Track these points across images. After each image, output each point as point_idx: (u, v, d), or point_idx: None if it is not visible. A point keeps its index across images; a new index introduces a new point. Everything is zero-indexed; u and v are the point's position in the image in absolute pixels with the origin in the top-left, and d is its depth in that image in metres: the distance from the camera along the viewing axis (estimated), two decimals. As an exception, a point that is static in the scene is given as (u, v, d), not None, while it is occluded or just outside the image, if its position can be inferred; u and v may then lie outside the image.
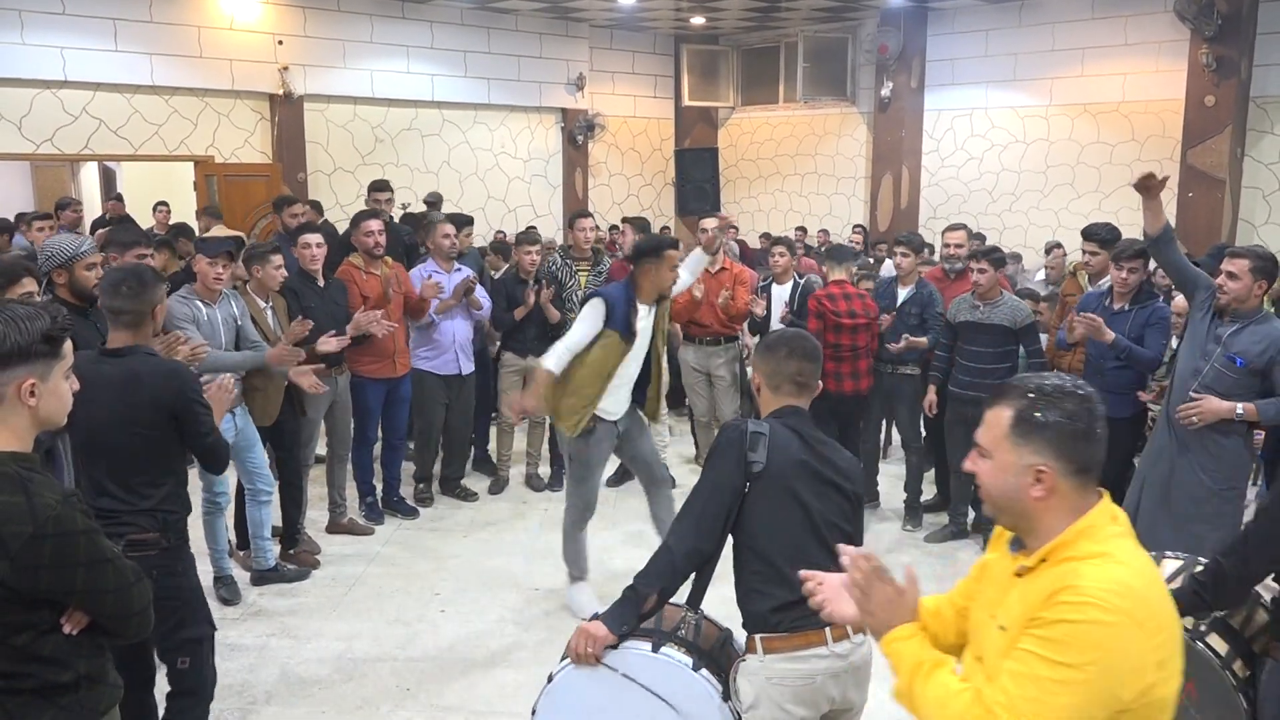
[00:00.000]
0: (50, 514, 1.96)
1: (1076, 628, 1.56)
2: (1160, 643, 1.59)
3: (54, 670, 2.05)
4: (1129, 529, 1.74)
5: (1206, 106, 9.99)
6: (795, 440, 2.58)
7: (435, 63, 11.79)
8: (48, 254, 3.96)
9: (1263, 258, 4.24)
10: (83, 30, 9.26)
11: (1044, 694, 1.55)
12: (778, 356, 2.67)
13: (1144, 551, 1.71)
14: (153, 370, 3.11)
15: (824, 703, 2.53)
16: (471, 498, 6.49)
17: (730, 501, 2.54)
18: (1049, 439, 1.69)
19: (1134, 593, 1.58)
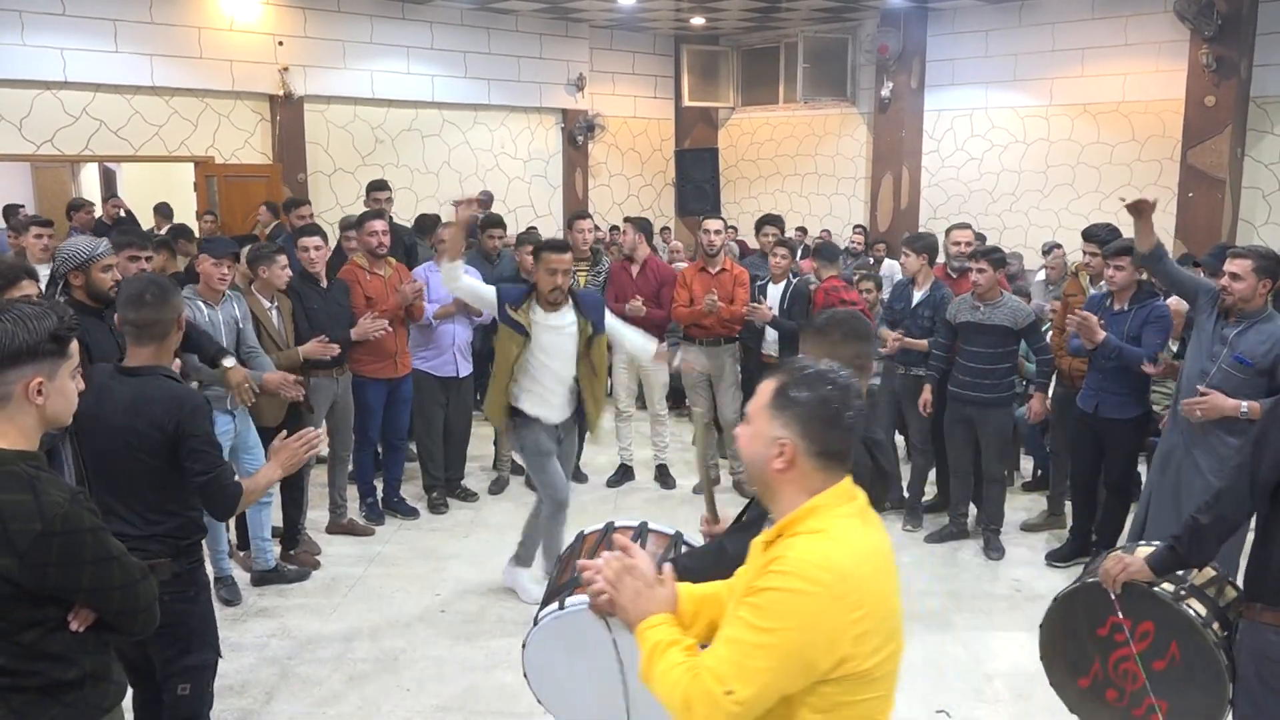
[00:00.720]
0: (58, 512, 1.98)
1: (777, 595, 1.63)
2: (859, 618, 1.65)
3: (59, 667, 2.06)
4: (862, 511, 1.81)
5: (1206, 106, 9.99)
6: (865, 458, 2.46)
7: (435, 63, 11.79)
8: (64, 256, 3.99)
9: (1265, 256, 4.25)
10: (83, 31, 9.27)
11: (744, 657, 1.63)
12: (832, 340, 2.54)
13: (872, 533, 1.79)
14: (163, 395, 2.90)
15: None
16: (472, 498, 6.49)
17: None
18: (797, 415, 1.75)
19: (837, 568, 1.65)
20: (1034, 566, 5.50)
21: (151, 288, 3.00)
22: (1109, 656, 2.92)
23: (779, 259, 6.56)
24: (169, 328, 2.99)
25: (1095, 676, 2.96)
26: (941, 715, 4.02)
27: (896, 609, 1.78)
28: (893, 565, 1.81)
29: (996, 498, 5.67)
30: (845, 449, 1.78)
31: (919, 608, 4.99)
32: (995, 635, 4.71)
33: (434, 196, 12.03)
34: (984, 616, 4.92)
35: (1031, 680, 4.28)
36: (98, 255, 3.94)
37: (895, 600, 1.78)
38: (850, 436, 1.78)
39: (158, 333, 2.97)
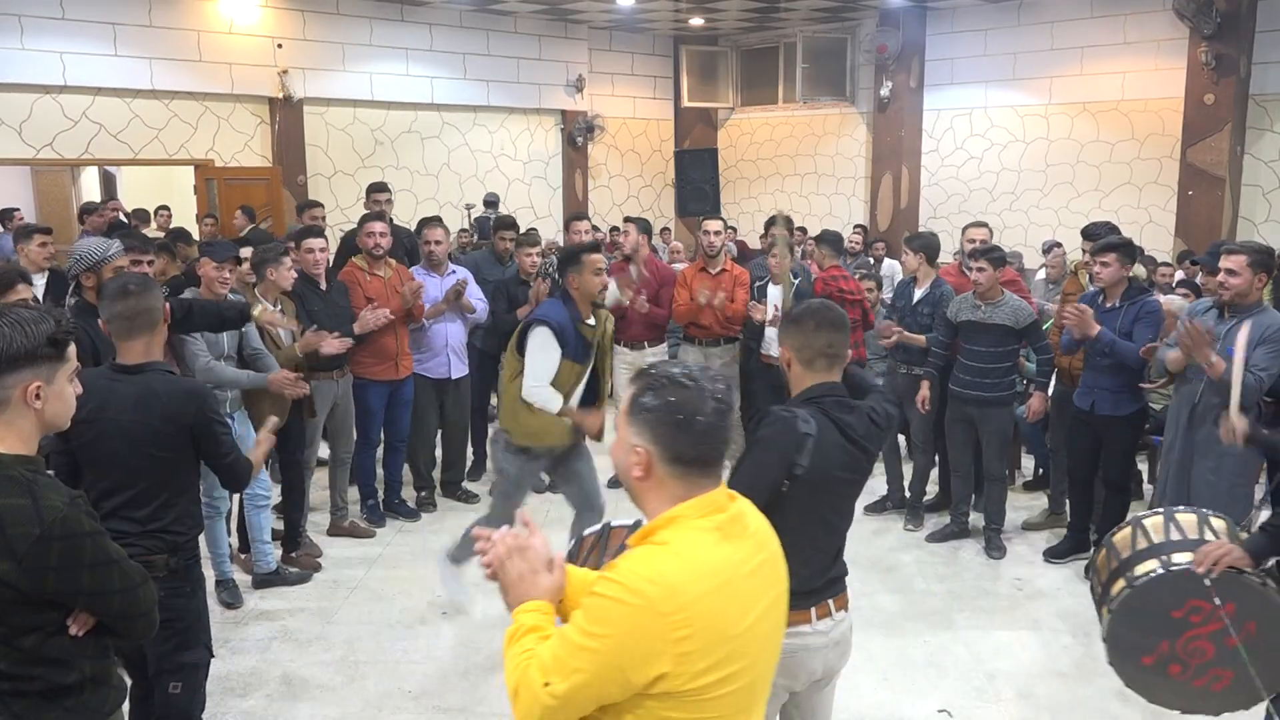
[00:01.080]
0: (57, 516, 1.97)
1: (602, 603, 1.62)
2: (683, 636, 1.60)
3: (60, 672, 2.06)
4: (728, 523, 1.74)
5: (1206, 104, 9.99)
6: (834, 433, 2.56)
7: (434, 65, 11.80)
8: (76, 257, 4.04)
9: (1259, 251, 4.32)
10: (82, 35, 9.28)
11: (567, 655, 1.63)
12: (806, 330, 2.63)
13: (729, 550, 1.71)
14: (171, 389, 2.98)
15: (804, 674, 2.64)
16: (473, 500, 6.49)
17: (766, 500, 2.47)
18: (647, 422, 1.72)
19: (666, 583, 1.61)
20: (1035, 565, 5.50)
21: (134, 279, 3.09)
22: (1180, 636, 2.99)
23: (777, 258, 6.55)
24: (156, 316, 3.03)
25: (1160, 654, 3.02)
26: (943, 715, 4.02)
27: (739, 633, 1.68)
28: (751, 585, 1.73)
29: (998, 497, 5.67)
30: (701, 456, 1.73)
31: (920, 607, 4.99)
32: (997, 634, 4.71)
33: (434, 198, 12.04)
34: (986, 616, 4.92)
35: (1033, 679, 4.29)
36: (110, 256, 4.02)
37: (739, 623, 1.68)
38: (706, 443, 1.72)
39: (147, 321, 2.99)
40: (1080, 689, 4.21)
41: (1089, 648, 4.57)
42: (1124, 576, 3.09)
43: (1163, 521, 3.16)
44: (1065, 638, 4.67)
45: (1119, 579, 3.11)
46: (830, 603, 2.64)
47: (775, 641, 1.83)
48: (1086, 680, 4.28)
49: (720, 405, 1.74)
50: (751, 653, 1.71)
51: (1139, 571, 3.05)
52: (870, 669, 4.35)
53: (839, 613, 2.67)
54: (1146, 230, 10.95)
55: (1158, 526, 3.14)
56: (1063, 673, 4.35)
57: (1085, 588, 5.18)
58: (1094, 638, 4.65)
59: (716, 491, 1.76)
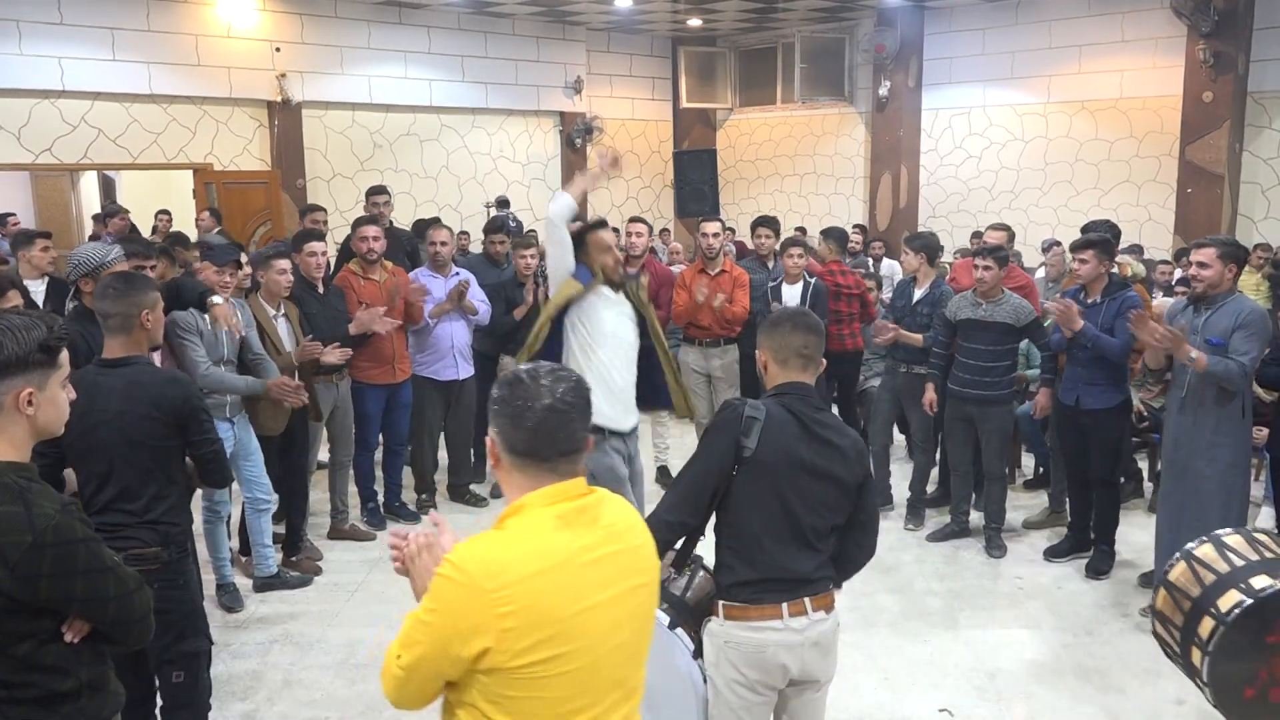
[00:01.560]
0: (49, 523, 1.97)
1: (437, 580, 1.74)
2: (505, 614, 1.67)
3: (56, 679, 2.05)
4: (572, 514, 1.80)
5: (1204, 102, 10.00)
6: (792, 424, 2.61)
7: (433, 68, 11.80)
8: (76, 262, 4.06)
9: (1227, 243, 4.45)
10: (80, 40, 9.28)
11: (412, 629, 1.75)
12: (782, 331, 2.71)
13: (568, 538, 1.77)
14: (155, 379, 3.09)
15: (778, 671, 2.64)
16: (481, 503, 6.47)
17: (717, 482, 2.61)
18: (493, 414, 1.84)
19: (491, 563, 1.70)
20: (1036, 564, 5.49)
21: (117, 281, 3.16)
22: (1274, 658, 2.84)
23: (796, 259, 6.52)
24: (131, 321, 3.10)
25: (1260, 683, 2.86)
26: (944, 714, 4.02)
27: (567, 616, 1.72)
28: (591, 573, 1.78)
29: (998, 496, 5.67)
30: (532, 450, 1.79)
31: (921, 606, 4.99)
32: (998, 634, 4.71)
33: (433, 201, 12.05)
34: (986, 615, 4.92)
35: (1034, 679, 4.28)
36: (109, 261, 4.04)
37: (568, 606, 1.73)
38: (536, 439, 1.78)
39: (119, 324, 3.09)
40: (1081, 688, 4.21)
41: (1090, 647, 4.57)
42: (1209, 614, 2.86)
43: (1214, 549, 3.00)
44: (1066, 636, 4.67)
45: (1204, 617, 2.87)
46: (807, 601, 2.63)
47: (630, 631, 1.85)
48: (1087, 679, 4.28)
49: (557, 405, 1.79)
50: (587, 637, 1.75)
51: (1225, 606, 2.83)
52: (871, 668, 4.34)
53: (817, 612, 2.65)
54: (1145, 228, 10.95)
55: (1212, 555, 2.97)
56: (1064, 672, 4.35)
57: (1087, 586, 5.20)
58: (1095, 636, 4.65)
59: (571, 483, 1.83)
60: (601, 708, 1.80)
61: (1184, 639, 2.93)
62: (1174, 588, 3.00)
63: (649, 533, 1.96)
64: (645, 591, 1.90)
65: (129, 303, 3.09)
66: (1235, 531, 3.06)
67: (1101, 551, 5.31)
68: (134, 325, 3.12)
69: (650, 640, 1.94)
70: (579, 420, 1.83)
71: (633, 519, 1.93)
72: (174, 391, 3.09)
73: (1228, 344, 4.33)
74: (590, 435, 1.89)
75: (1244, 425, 4.49)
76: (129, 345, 3.12)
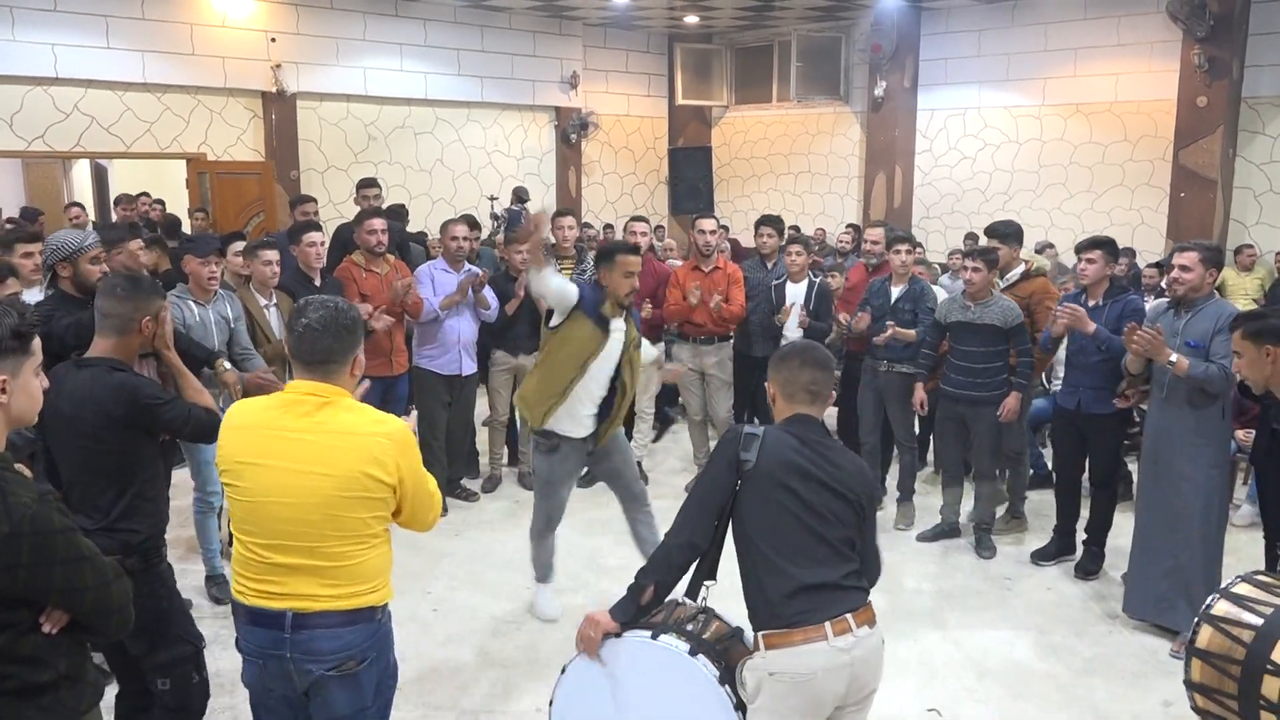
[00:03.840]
0: (26, 513, 1.94)
1: None
2: (220, 441, 2.55)
3: (33, 670, 2.03)
4: (289, 404, 2.47)
5: (1198, 107, 10.03)
6: (792, 442, 2.63)
7: (428, 60, 11.77)
8: (53, 247, 4.02)
9: (1209, 248, 4.51)
10: (74, 27, 9.23)
11: None
12: (791, 367, 2.73)
13: (263, 412, 2.50)
14: (102, 386, 2.93)
15: (828, 698, 2.56)
16: (473, 498, 6.47)
17: (721, 499, 2.63)
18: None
19: (232, 413, 2.56)
20: (1026, 565, 5.51)
21: (124, 281, 3.07)
22: None
23: (794, 257, 6.51)
24: (127, 324, 3.01)
25: None
26: (933, 714, 4.03)
27: (245, 461, 2.45)
28: (280, 442, 2.42)
29: (988, 496, 5.68)
30: (295, 354, 2.47)
31: (910, 606, 5.00)
32: (987, 634, 4.72)
33: (427, 194, 12.03)
34: (976, 615, 4.93)
35: (1023, 678, 4.30)
36: (85, 247, 3.99)
37: (246, 454, 2.45)
38: (299, 346, 2.44)
39: (115, 325, 3.00)
40: (1070, 688, 4.22)
41: (1078, 648, 4.58)
42: (1268, 672, 2.63)
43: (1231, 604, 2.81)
44: (1055, 637, 4.68)
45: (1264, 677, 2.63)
46: (849, 617, 2.56)
47: (300, 503, 2.40)
48: (1076, 679, 4.29)
49: (311, 325, 2.42)
50: (254, 485, 2.43)
51: None
52: (860, 668, 4.35)
53: (861, 628, 2.58)
54: (1139, 232, 10.99)
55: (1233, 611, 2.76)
56: (1053, 672, 4.36)
57: (1076, 587, 5.21)
58: (1084, 637, 4.67)
59: (303, 382, 2.47)
60: (264, 542, 2.44)
61: (1246, 707, 2.69)
62: (1210, 655, 2.78)
63: (367, 451, 2.40)
64: (326, 481, 2.39)
65: (131, 305, 3.01)
66: (1239, 579, 2.92)
67: (1092, 552, 5.33)
68: (131, 329, 3.02)
69: (335, 533, 2.42)
70: (325, 339, 2.43)
71: (356, 430, 2.42)
72: (119, 398, 2.93)
73: (1207, 346, 4.37)
74: (341, 348, 2.45)
75: (1224, 426, 4.54)
76: (117, 348, 3.02)
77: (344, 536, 2.45)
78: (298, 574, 2.45)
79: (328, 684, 2.50)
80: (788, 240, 6.70)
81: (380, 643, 2.61)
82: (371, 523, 2.48)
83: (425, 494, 2.58)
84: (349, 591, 2.48)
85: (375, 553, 2.53)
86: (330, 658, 2.48)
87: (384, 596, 2.60)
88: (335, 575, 2.46)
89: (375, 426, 2.46)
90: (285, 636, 2.46)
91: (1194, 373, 4.31)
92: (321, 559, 2.44)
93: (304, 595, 2.45)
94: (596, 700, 2.81)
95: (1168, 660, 4.41)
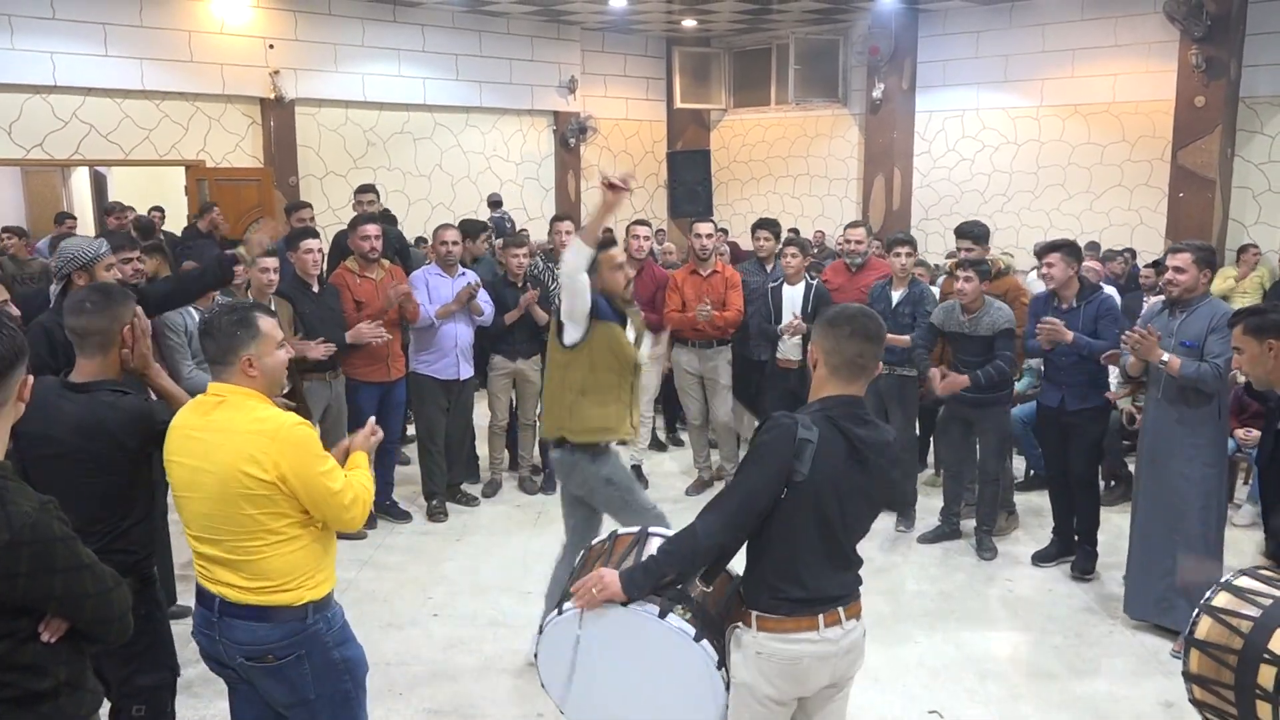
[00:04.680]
0: (26, 522, 1.94)
1: None
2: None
3: (33, 678, 2.03)
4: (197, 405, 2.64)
5: (1196, 107, 10.04)
6: (842, 446, 2.49)
7: (427, 66, 11.78)
8: (68, 256, 4.04)
9: (1202, 248, 4.53)
10: (73, 35, 9.25)
11: None
12: (840, 334, 2.55)
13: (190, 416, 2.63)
14: (118, 415, 2.79)
15: (810, 683, 2.58)
16: (473, 503, 6.46)
17: (765, 506, 2.47)
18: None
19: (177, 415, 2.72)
20: (1027, 567, 5.50)
21: (93, 294, 2.92)
22: None
23: (789, 259, 6.49)
24: (111, 338, 2.87)
25: None
26: (934, 715, 4.02)
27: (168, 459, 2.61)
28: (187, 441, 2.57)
29: (990, 498, 5.66)
30: (208, 356, 2.63)
31: (911, 608, 5.00)
32: (988, 636, 4.71)
33: (426, 199, 12.04)
34: (977, 617, 4.93)
35: (1024, 680, 4.29)
36: (101, 255, 4.03)
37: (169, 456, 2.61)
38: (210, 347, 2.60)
39: (98, 343, 2.86)
40: (1072, 689, 4.22)
41: (1079, 649, 4.58)
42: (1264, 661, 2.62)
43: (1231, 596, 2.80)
44: (1056, 638, 4.68)
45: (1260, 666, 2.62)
46: (840, 610, 2.57)
47: (201, 498, 2.54)
48: (1078, 681, 4.29)
49: (208, 319, 2.61)
50: (175, 479, 2.61)
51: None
52: (861, 670, 4.33)
53: (850, 621, 2.60)
54: (1137, 232, 11.00)
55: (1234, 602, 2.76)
56: (1054, 674, 4.36)
57: (1077, 589, 5.21)
58: (1084, 638, 4.66)
59: (220, 385, 2.59)
60: (191, 533, 2.61)
61: (1242, 696, 2.68)
62: (1207, 645, 2.78)
63: (242, 448, 2.48)
64: (210, 478, 2.51)
65: (109, 316, 2.86)
66: (1241, 573, 2.91)
67: (1085, 551, 5.34)
68: (112, 343, 2.89)
69: (232, 528, 2.53)
70: (209, 341, 2.59)
71: (235, 428, 2.52)
72: (137, 426, 2.81)
73: (1201, 346, 4.39)
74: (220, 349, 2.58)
75: (1221, 425, 4.55)
76: (104, 367, 2.88)
77: (240, 532, 2.53)
78: (217, 564, 2.60)
79: (251, 672, 2.66)
80: (784, 242, 6.69)
81: (309, 642, 2.64)
82: (264, 520, 2.53)
83: (323, 492, 2.55)
84: (258, 586, 2.57)
85: (282, 550, 2.57)
86: (246, 647, 2.61)
87: (302, 596, 2.60)
88: (244, 569, 2.57)
89: (255, 424, 2.52)
90: (215, 619, 2.62)
91: (1186, 372, 4.33)
92: (228, 552, 2.57)
93: (226, 584, 2.59)
94: (582, 656, 2.74)
95: (1168, 660, 4.40)
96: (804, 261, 6.54)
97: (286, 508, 2.55)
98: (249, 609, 2.57)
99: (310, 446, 2.58)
